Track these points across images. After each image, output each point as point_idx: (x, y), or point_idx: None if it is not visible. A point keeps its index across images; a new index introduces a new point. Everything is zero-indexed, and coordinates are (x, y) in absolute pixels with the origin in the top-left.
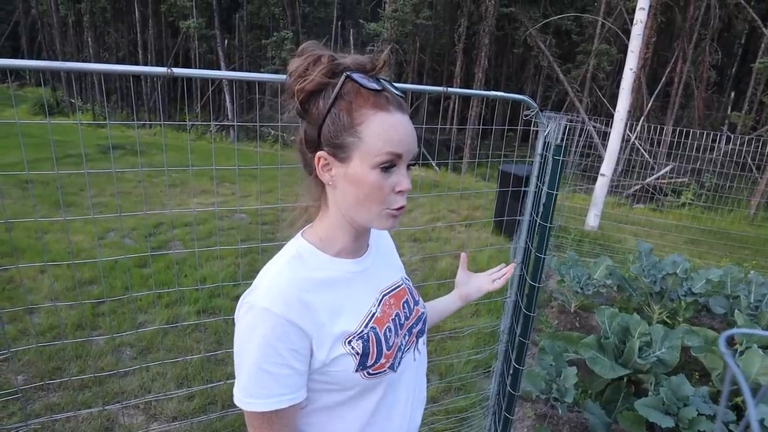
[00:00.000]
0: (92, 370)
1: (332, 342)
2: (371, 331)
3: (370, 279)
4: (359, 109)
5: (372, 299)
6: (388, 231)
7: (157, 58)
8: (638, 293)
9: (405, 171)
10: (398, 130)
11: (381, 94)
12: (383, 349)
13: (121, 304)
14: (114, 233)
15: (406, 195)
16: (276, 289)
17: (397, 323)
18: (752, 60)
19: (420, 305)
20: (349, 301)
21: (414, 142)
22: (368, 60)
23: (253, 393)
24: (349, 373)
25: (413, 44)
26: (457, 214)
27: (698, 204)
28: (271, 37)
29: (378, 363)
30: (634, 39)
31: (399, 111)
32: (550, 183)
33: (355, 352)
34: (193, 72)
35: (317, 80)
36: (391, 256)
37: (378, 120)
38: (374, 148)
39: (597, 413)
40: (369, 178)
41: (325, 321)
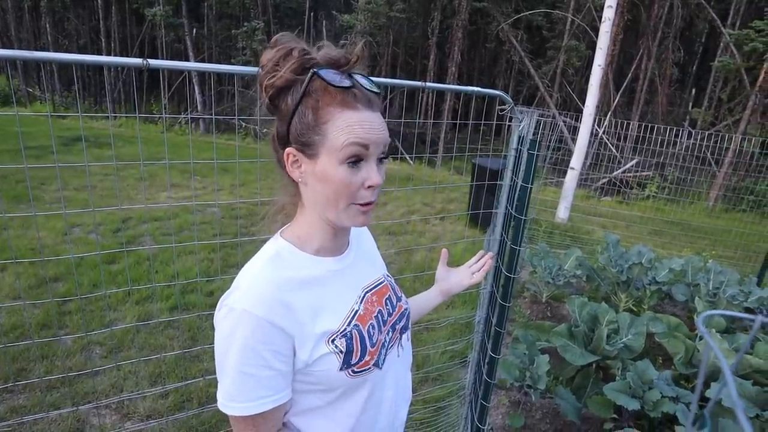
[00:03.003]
0: (60, 370)
1: (315, 341)
2: (354, 329)
3: (351, 277)
4: (326, 107)
5: (354, 297)
6: (368, 228)
7: (121, 47)
8: (606, 283)
9: (375, 165)
10: (363, 126)
11: (349, 91)
12: (367, 347)
13: (89, 302)
14: (79, 229)
15: (376, 190)
16: (256, 290)
17: (380, 320)
18: (712, 58)
19: (403, 301)
20: (331, 300)
21: (383, 136)
22: (341, 55)
23: (236, 397)
24: (333, 372)
25: (387, 37)
26: (432, 208)
27: (661, 197)
28: (241, 27)
29: (362, 360)
30: (603, 36)
31: (368, 108)
32: (524, 176)
33: (339, 351)
34: (170, 63)
35: (286, 77)
36: (372, 253)
37: (343, 118)
38: (338, 143)
39: (568, 399)
40: (337, 174)
41: (306, 321)
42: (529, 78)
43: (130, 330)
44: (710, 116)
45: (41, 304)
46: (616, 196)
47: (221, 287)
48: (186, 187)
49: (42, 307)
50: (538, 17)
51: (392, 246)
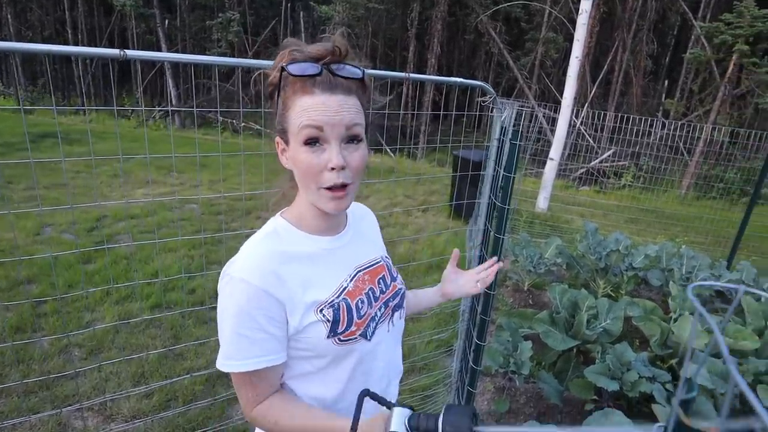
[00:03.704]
0: (37, 374)
1: (304, 310)
2: (342, 301)
3: (345, 255)
4: (290, 96)
5: (345, 274)
6: (372, 213)
7: (89, 38)
8: (585, 270)
9: (336, 148)
10: (317, 108)
11: (309, 78)
12: (354, 318)
13: (66, 303)
14: (51, 228)
15: (343, 173)
16: (252, 261)
17: (371, 296)
18: (684, 50)
19: (398, 282)
20: (321, 274)
21: (340, 118)
22: (318, 50)
23: (233, 355)
24: (321, 339)
25: (365, 29)
26: (414, 200)
27: (637, 185)
28: (216, 18)
29: (348, 330)
30: (580, 28)
31: (326, 92)
32: (507, 166)
33: (326, 320)
34: (149, 54)
35: (273, 78)
36: (371, 235)
37: (299, 103)
38: (295, 126)
39: (550, 382)
40: (300, 155)
41: (297, 291)
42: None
43: (110, 330)
44: (682, 107)
45: (15, 307)
46: (593, 186)
47: (203, 285)
48: (163, 184)
49: (15, 310)
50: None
51: None
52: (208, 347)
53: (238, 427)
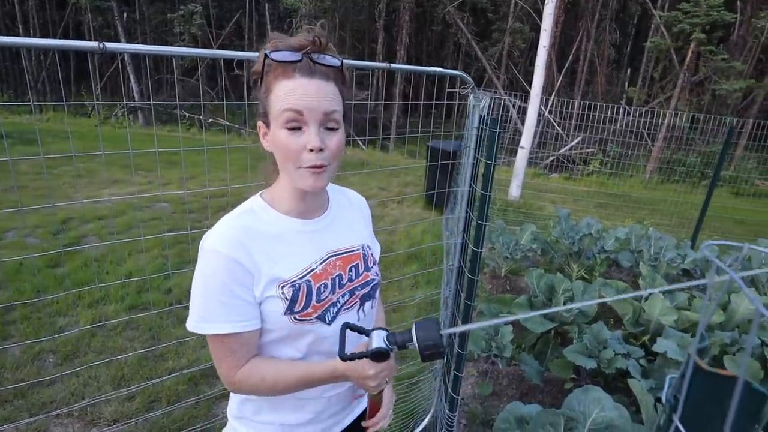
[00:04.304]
0: (10, 382)
1: (266, 283)
2: (304, 283)
3: (318, 239)
4: (271, 81)
5: (316, 257)
6: (366, 202)
7: (41, 33)
8: (559, 254)
9: (315, 131)
10: (296, 93)
11: (290, 64)
12: (312, 301)
13: (35, 309)
14: (14, 233)
15: (321, 154)
16: (225, 233)
17: (337, 282)
18: (644, 39)
19: (372, 272)
20: (288, 254)
21: (319, 104)
22: (299, 40)
23: (209, 318)
24: (279, 314)
25: (332, 20)
26: (389, 192)
27: (604, 171)
28: (177, 10)
29: (305, 311)
30: (547, 18)
31: (305, 77)
32: (487, 154)
33: (285, 297)
34: (129, 47)
35: (257, 66)
36: (355, 223)
37: (280, 86)
38: (276, 110)
39: (531, 364)
40: (280, 137)
41: (263, 265)
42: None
43: (85, 334)
44: (644, 94)
45: None
46: (563, 173)
47: (180, 283)
48: (130, 183)
49: None
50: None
51: None
52: (188, 346)
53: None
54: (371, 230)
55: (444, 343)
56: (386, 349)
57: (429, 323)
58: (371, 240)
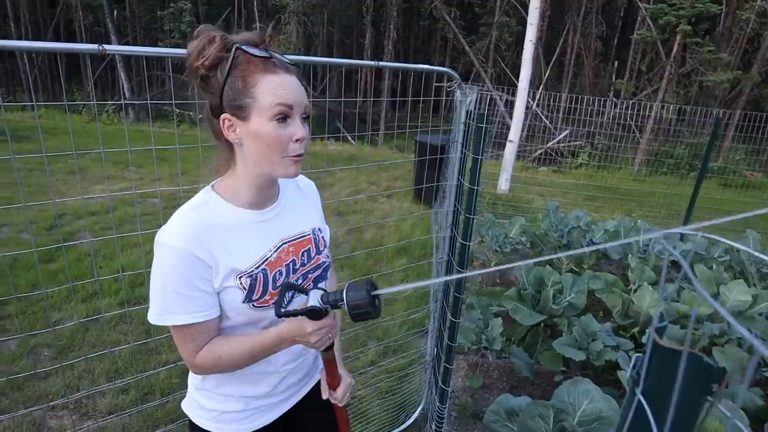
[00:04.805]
0: (6, 375)
1: (224, 275)
2: (261, 272)
3: (271, 228)
4: (252, 75)
5: (270, 245)
6: (316, 189)
7: (33, 31)
8: (548, 247)
9: (299, 122)
10: (286, 87)
11: (269, 60)
12: (269, 288)
13: (30, 303)
14: (8, 228)
15: (303, 144)
16: (180, 228)
17: (291, 268)
18: (631, 31)
19: (323, 255)
20: (244, 245)
21: (303, 97)
22: (257, 35)
23: (173, 310)
24: (237, 303)
25: (321, 16)
26: (378, 186)
27: (593, 164)
28: (167, 8)
29: (263, 298)
30: (533, 12)
31: (287, 73)
32: (474, 149)
33: (243, 287)
34: (127, 49)
35: (214, 55)
36: (304, 209)
37: (268, 80)
38: (267, 103)
39: (521, 356)
40: (268, 129)
41: (220, 257)
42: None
43: (79, 329)
44: (632, 86)
45: None
46: (551, 166)
47: None
48: (122, 179)
49: None
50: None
51: (342, 226)
52: None
53: None
54: (321, 213)
55: (374, 305)
56: (320, 307)
57: (360, 285)
58: (321, 223)
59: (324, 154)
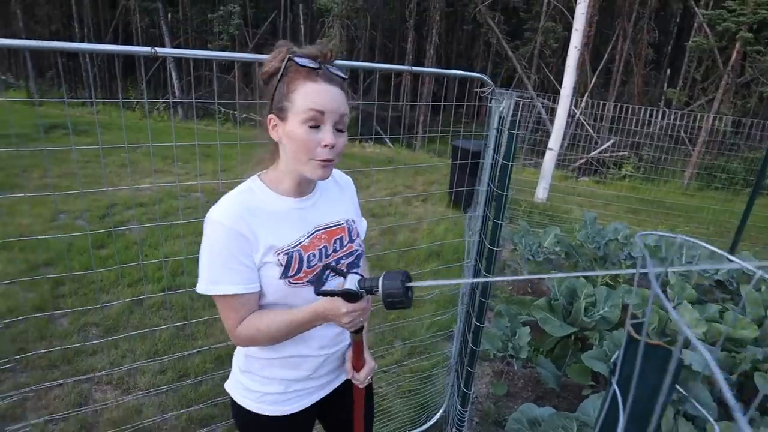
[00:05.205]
0: (59, 349)
1: (264, 251)
2: (296, 252)
3: (307, 215)
4: (294, 81)
5: (304, 231)
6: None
7: (94, 32)
8: (584, 259)
9: (330, 129)
10: (320, 94)
11: (312, 70)
12: (303, 266)
13: (82, 285)
14: (66, 215)
15: (333, 151)
16: (228, 208)
17: (324, 253)
18: (686, 38)
19: (355, 243)
20: (282, 227)
21: (337, 106)
22: (317, 49)
23: (216, 281)
24: (275, 278)
25: (364, 20)
26: (413, 190)
27: (637, 176)
28: (217, 11)
29: (297, 275)
30: (579, 17)
31: (326, 82)
32: (505, 154)
33: (280, 263)
34: (178, 52)
35: (274, 65)
36: (340, 201)
37: (306, 87)
38: (301, 107)
39: (548, 367)
40: (298, 132)
41: (260, 235)
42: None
43: (124, 311)
44: (685, 96)
45: (35, 288)
46: (593, 176)
47: None
48: (168, 173)
49: (36, 291)
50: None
51: (375, 227)
52: (216, 328)
53: None
54: (357, 207)
55: (407, 295)
56: (356, 291)
57: (395, 274)
58: (356, 216)
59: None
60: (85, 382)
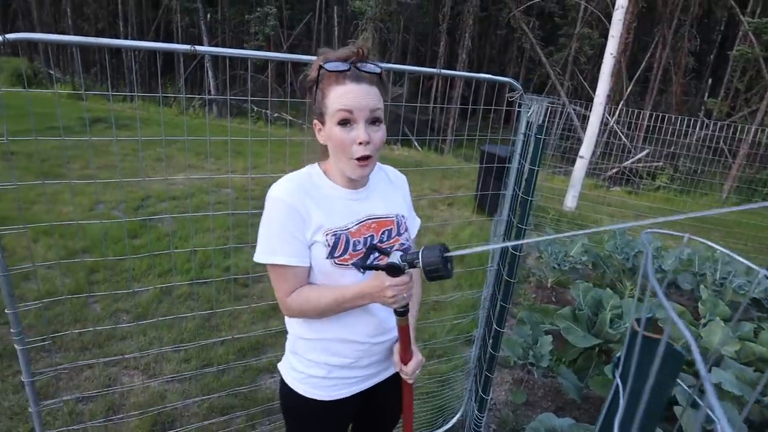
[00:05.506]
0: (91, 333)
1: (314, 229)
2: (343, 234)
3: (358, 206)
4: (326, 87)
5: (353, 219)
6: (406, 182)
7: (137, 30)
8: (612, 270)
9: (363, 126)
10: (347, 95)
11: (341, 73)
12: (349, 249)
13: (115, 273)
14: (103, 205)
15: (368, 147)
16: (288, 185)
17: (369, 241)
18: (731, 47)
19: (402, 237)
20: (333, 211)
21: (365, 103)
22: (345, 53)
23: (270, 252)
24: (322, 258)
25: (397, 23)
26: (440, 194)
27: (672, 187)
28: (254, 12)
29: (343, 256)
30: (615, 24)
31: (354, 83)
32: (531, 159)
33: (327, 243)
34: (216, 50)
35: (312, 74)
36: (391, 196)
37: (335, 91)
38: (333, 109)
39: (570, 378)
40: (334, 132)
41: (313, 215)
42: (540, 66)
43: (153, 299)
44: (726, 107)
45: (72, 274)
46: (625, 186)
47: (237, 264)
48: (201, 168)
49: (73, 276)
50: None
51: None
52: (240, 321)
53: (266, 395)
54: (409, 203)
55: (446, 266)
56: (398, 264)
57: (435, 247)
58: (407, 212)
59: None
60: (114, 365)
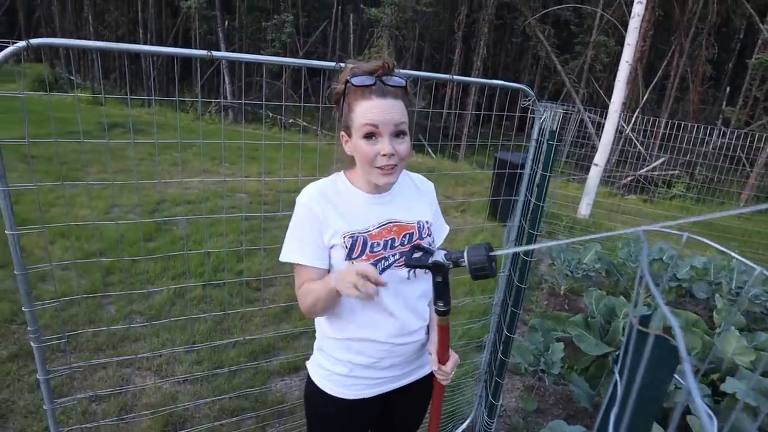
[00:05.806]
0: (105, 334)
1: (332, 233)
2: (361, 236)
3: (382, 209)
4: (353, 102)
5: (376, 221)
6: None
7: (156, 37)
8: (625, 278)
9: (387, 140)
10: (373, 110)
11: (367, 88)
12: (366, 250)
13: (130, 275)
14: (119, 209)
15: (392, 158)
16: (312, 191)
17: (389, 244)
18: (749, 55)
19: (424, 242)
20: (353, 215)
21: (390, 117)
22: (370, 67)
23: (293, 251)
24: (340, 260)
25: (413, 31)
26: (453, 200)
27: (689, 196)
28: (271, 19)
29: (360, 258)
30: (632, 32)
31: (379, 98)
32: (544, 165)
33: (345, 245)
34: (233, 55)
35: (339, 87)
36: (416, 203)
37: (361, 106)
38: (359, 124)
39: (581, 386)
40: (360, 145)
41: (332, 219)
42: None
43: (166, 302)
44: (745, 115)
45: (88, 275)
46: (641, 195)
47: (250, 267)
48: (216, 173)
49: (89, 278)
50: (567, 12)
51: None
52: (252, 324)
53: (277, 398)
54: (436, 209)
55: (491, 265)
56: (443, 262)
57: (480, 246)
58: (433, 218)
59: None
60: (127, 366)
